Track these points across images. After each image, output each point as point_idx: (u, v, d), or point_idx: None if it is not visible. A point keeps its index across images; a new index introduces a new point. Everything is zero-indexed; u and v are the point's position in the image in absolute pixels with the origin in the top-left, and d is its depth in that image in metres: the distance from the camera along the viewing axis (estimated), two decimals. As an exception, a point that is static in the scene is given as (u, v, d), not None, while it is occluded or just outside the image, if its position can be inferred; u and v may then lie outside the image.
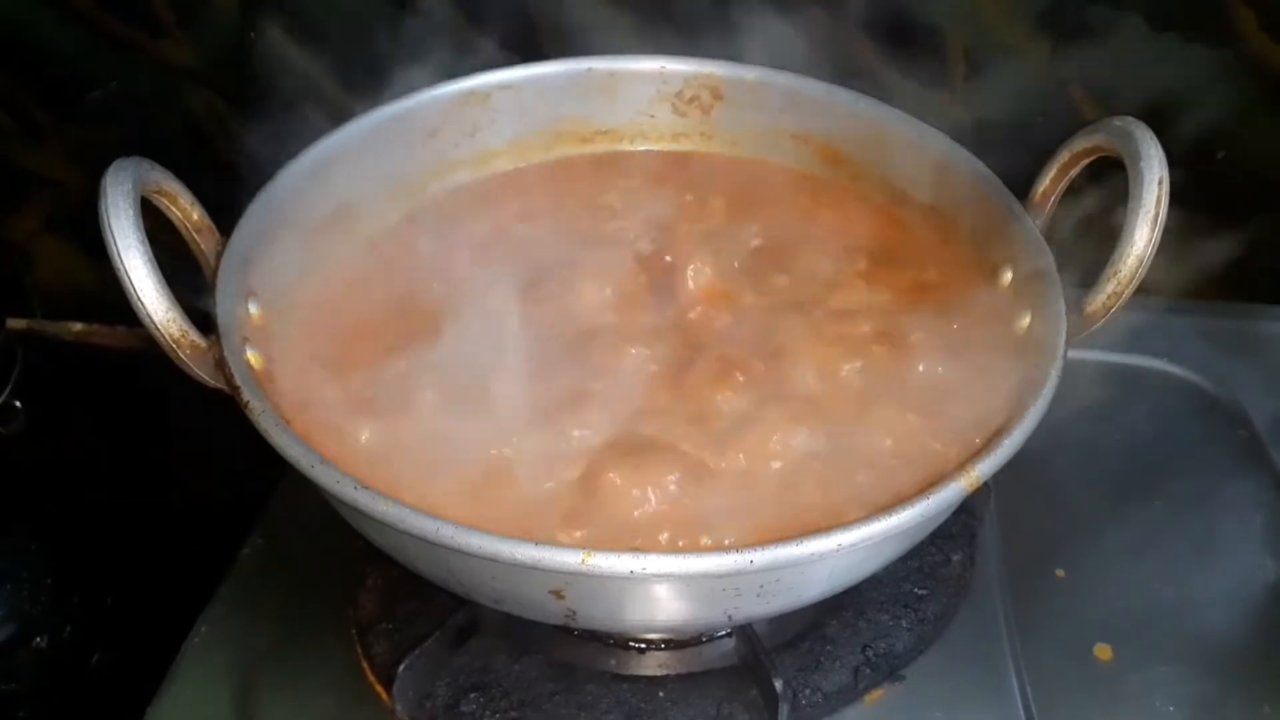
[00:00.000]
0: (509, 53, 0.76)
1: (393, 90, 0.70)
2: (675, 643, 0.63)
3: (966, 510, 0.68)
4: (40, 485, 0.85)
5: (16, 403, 0.82)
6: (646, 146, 0.77)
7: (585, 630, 0.63)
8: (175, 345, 0.51)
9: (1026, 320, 0.59)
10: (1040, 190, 0.62)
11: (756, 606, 0.51)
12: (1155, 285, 0.56)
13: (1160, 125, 0.55)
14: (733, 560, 0.45)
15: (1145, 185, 0.53)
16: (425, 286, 0.64)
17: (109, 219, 0.49)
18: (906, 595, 0.65)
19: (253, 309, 0.58)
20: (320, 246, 0.66)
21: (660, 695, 0.60)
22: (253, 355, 0.55)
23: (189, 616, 0.66)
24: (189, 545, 0.76)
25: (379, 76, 0.72)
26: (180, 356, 0.51)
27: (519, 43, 0.78)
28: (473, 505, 0.51)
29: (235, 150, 0.92)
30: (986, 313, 0.62)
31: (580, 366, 0.59)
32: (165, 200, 0.55)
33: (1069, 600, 0.67)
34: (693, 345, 0.61)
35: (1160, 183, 0.53)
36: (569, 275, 0.65)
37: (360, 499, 0.47)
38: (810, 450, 0.55)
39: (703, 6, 0.80)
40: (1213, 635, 0.65)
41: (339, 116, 0.68)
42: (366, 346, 0.60)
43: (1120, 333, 0.62)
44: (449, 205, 0.72)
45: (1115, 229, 0.55)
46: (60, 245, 1.01)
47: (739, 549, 0.45)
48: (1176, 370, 0.82)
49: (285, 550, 0.69)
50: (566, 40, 0.78)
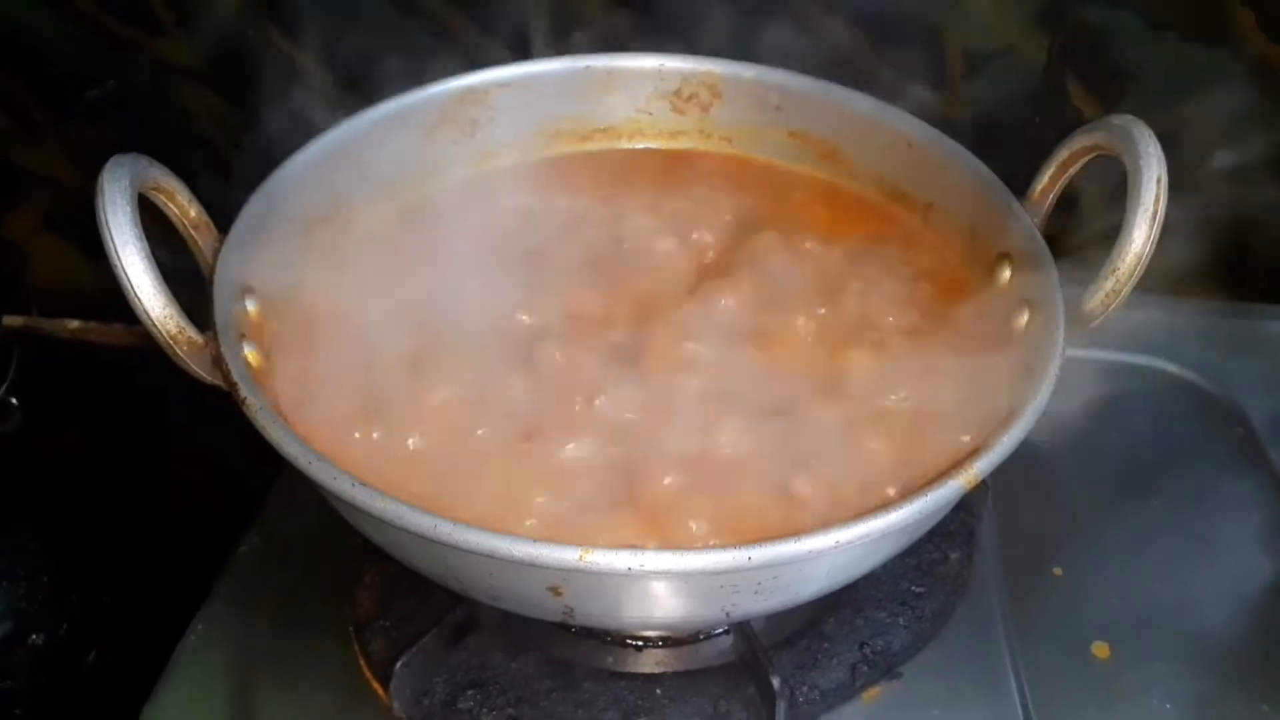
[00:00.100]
0: (508, 50, 0.76)
1: (391, 88, 0.70)
2: (673, 640, 0.63)
3: (964, 508, 0.68)
4: (37, 483, 0.84)
5: (13, 400, 0.82)
6: (645, 144, 0.77)
7: (583, 627, 0.62)
8: (172, 342, 0.51)
9: (1025, 318, 0.59)
10: (1039, 188, 0.62)
11: (754, 603, 0.51)
12: (1154, 284, 0.56)
13: (1159, 124, 0.55)
14: (731, 557, 0.45)
15: (1144, 183, 0.53)
16: (423, 284, 0.64)
17: (106, 215, 0.49)
18: (904, 593, 0.65)
19: (250, 306, 0.58)
20: (318, 244, 0.66)
21: (658, 692, 0.60)
22: (250, 352, 0.55)
23: (186, 614, 0.65)
24: (186, 543, 0.76)
25: (377, 74, 0.72)
26: (177, 353, 0.51)
27: (518, 41, 0.78)
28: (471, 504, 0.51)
29: (233, 149, 0.92)
30: (984, 310, 0.62)
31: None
32: (163, 197, 0.55)
33: (1067, 598, 0.67)
34: (692, 339, 0.61)
35: (1159, 181, 0.53)
36: (570, 272, 0.65)
37: (358, 496, 0.47)
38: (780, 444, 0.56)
39: (703, 5, 0.80)
40: (1210, 633, 0.65)
41: (337, 114, 0.68)
42: (364, 344, 0.60)
43: (1119, 331, 0.62)
44: (447, 203, 0.72)
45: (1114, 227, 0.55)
46: (57, 244, 1.01)
47: (737, 546, 0.45)
48: (1175, 369, 0.82)
49: (282, 548, 0.69)
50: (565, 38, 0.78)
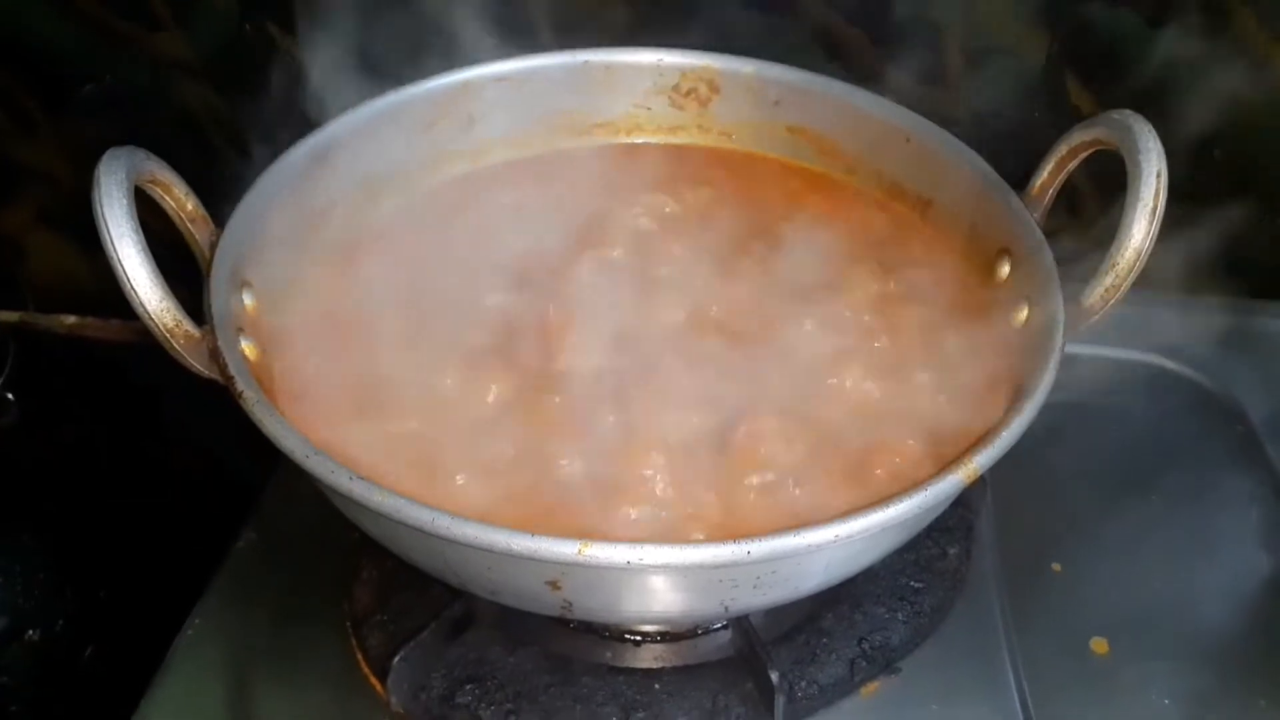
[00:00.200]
0: (506, 45, 0.75)
1: (389, 82, 0.70)
2: (671, 635, 0.63)
3: (963, 503, 0.68)
4: (33, 479, 0.84)
5: (9, 396, 0.82)
6: (643, 139, 0.77)
7: (581, 622, 0.62)
8: (169, 335, 0.51)
9: (1024, 313, 0.59)
10: (1038, 184, 0.62)
11: (753, 598, 0.51)
12: (1153, 280, 0.56)
13: (1158, 121, 0.55)
14: (730, 551, 0.45)
15: (1143, 179, 0.53)
16: (421, 278, 0.64)
17: (102, 207, 0.48)
18: (903, 588, 0.65)
19: (247, 300, 0.58)
20: (316, 238, 0.65)
21: (656, 687, 0.60)
22: (247, 346, 0.55)
23: (182, 610, 0.65)
24: (183, 538, 0.76)
25: (375, 69, 0.71)
26: (174, 347, 0.51)
27: (516, 36, 0.78)
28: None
29: (231, 144, 0.92)
30: (984, 306, 0.62)
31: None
32: (159, 190, 0.55)
33: (1065, 594, 0.67)
34: (691, 334, 0.61)
35: (1158, 176, 0.53)
36: (567, 266, 0.65)
37: (355, 489, 0.47)
38: (793, 448, 0.55)
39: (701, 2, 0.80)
40: (1208, 629, 0.66)
41: (334, 109, 0.67)
42: (362, 338, 0.60)
43: (1117, 327, 0.62)
44: (445, 197, 0.72)
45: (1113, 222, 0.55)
46: (53, 239, 1.01)
47: (736, 540, 0.45)
48: (1173, 365, 0.82)
49: (279, 543, 0.69)
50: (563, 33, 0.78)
